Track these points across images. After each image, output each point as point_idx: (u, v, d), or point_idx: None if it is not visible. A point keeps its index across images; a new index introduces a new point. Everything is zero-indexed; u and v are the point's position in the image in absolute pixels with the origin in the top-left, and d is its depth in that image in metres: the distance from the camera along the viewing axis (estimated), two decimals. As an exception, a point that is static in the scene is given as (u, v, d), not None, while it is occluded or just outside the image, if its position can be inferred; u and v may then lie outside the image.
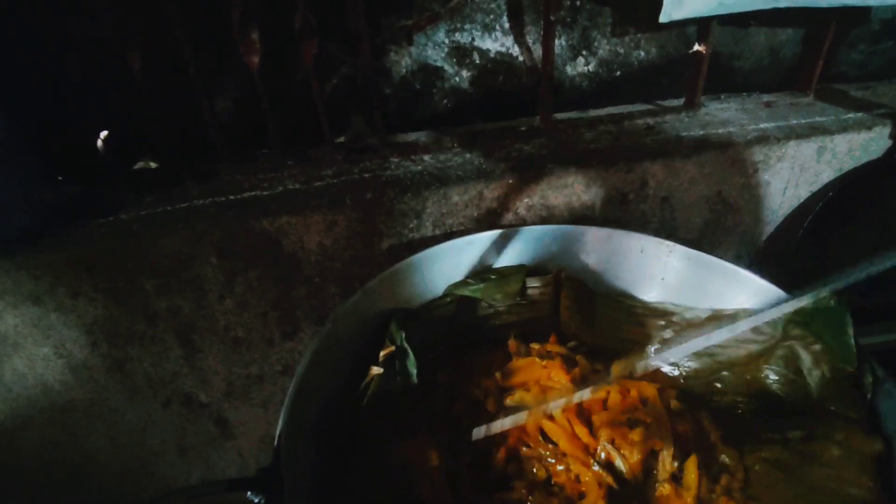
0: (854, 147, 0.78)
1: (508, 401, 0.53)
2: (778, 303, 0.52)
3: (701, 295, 0.58)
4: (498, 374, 0.55)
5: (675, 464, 0.46)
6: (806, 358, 0.47)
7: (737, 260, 0.82)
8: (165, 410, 0.75)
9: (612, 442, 0.47)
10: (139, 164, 0.79)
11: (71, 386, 0.69)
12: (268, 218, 0.64)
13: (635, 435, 0.46)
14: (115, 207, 0.66)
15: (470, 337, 0.61)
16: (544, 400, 0.51)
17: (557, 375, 0.52)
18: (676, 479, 0.46)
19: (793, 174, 0.78)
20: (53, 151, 0.69)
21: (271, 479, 0.36)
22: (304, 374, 0.46)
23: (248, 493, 0.35)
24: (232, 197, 0.67)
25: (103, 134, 0.68)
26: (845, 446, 0.41)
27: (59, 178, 0.72)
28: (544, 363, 0.54)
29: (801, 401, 0.46)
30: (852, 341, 0.44)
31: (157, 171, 0.76)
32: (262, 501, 0.34)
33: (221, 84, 0.75)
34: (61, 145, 0.71)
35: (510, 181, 0.68)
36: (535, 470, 0.47)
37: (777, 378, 0.49)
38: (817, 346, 0.46)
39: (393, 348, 0.52)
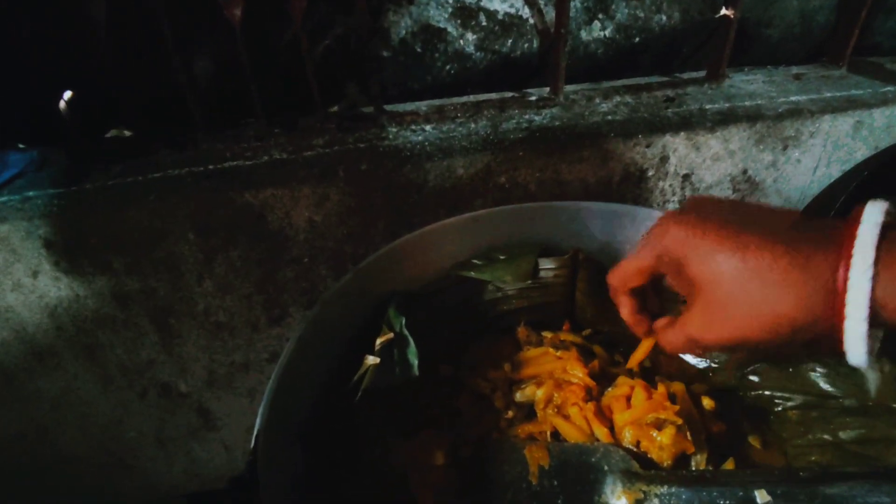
0: (893, 122, 0.72)
1: (518, 395, 0.47)
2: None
3: (733, 279, 0.52)
4: (507, 366, 0.49)
5: (711, 468, 0.40)
6: (861, 350, 0.41)
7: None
8: (142, 401, 0.69)
9: (638, 445, 0.41)
10: (111, 133, 0.72)
11: (36, 374, 0.63)
12: (251, 190, 0.58)
13: (665, 437, 0.40)
14: (78, 177, 0.59)
15: (476, 324, 0.55)
16: (559, 396, 0.45)
17: (574, 368, 0.46)
18: (710, 485, 0.40)
19: (825, 151, 0.72)
20: (10, 115, 0.62)
21: (245, 488, 0.30)
22: (287, 364, 0.40)
23: (216, 508, 0.29)
24: (211, 167, 0.61)
25: (66, 95, 0.60)
26: None
27: (20, 145, 0.65)
28: (559, 354, 0.48)
29: (855, 397, 0.41)
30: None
31: (128, 140, 0.69)
32: (233, 518, 0.29)
33: (199, 42, 0.68)
34: (20, 109, 0.64)
35: (520, 154, 0.62)
36: None
37: (824, 371, 0.43)
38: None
39: (391, 335, 0.46)
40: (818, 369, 0.44)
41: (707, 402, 0.45)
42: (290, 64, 0.70)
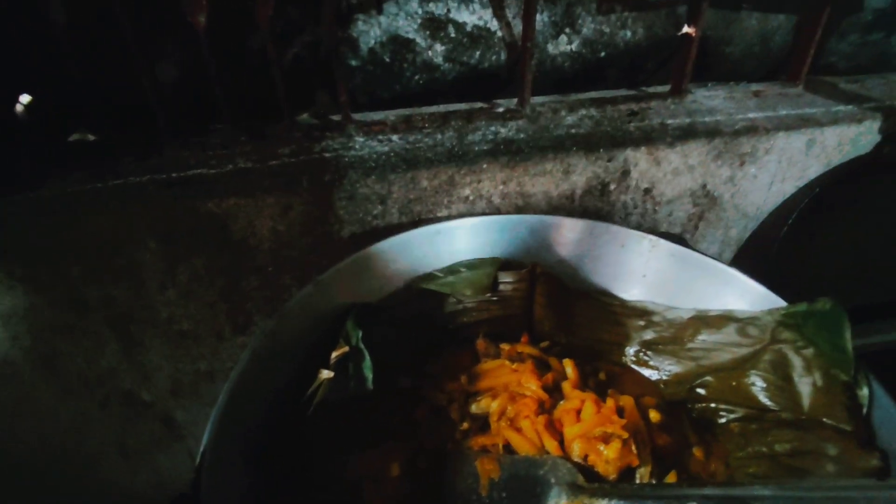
0: (843, 141, 0.75)
1: (474, 407, 0.48)
2: (766, 305, 0.48)
3: (684, 294, 0.54)
4: (464, 378, 0.50)
5: (654, 481, 0.42)
6: (797, 363, 0.43)
7: (719, 257, 0.79)
8: (103, 410, 0.68)
9: (586, 458, 0.42)
10: (74, 136, 0.71)
11: (-10, 382, 0.62)
12: (214, 199, 0.58)
13: (611, 451, 0.41)
14: (35, 182, 0.58)
15: (436, 336, 0.56)
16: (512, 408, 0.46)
17: (528, 381, 0.48)
18: (654, 496, 0.42)
19: (780, 168, 0.74)
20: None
21: (188, 507, 0.30)
22: (238, 378, 0.40)
23: (157, 527, 0.29)
24: (174, 175, 0.60)
25: (24, 98, 0.59)
26: (840, 462, 0.37)
27: (-23, 148, 0.64)
28: (514, 366, 0.50)
29: (791, 410, 0.43)
30: (849, 347, 0.41)
31: (90, 144, 0.68)
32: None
33: (165, 46, 0.67)
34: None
35: (484, 166, 0.63)
36: None
37: (764, 385, 0.45)
38: (809, 351, 0.43)
39: (346, 349, 0.46)
40: (759, 383, 0.46)
41: (654, 415, 0.46)
42: (259, 71, 0.70)
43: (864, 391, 0.40)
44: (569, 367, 0.51)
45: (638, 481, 0.42)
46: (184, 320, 0.64)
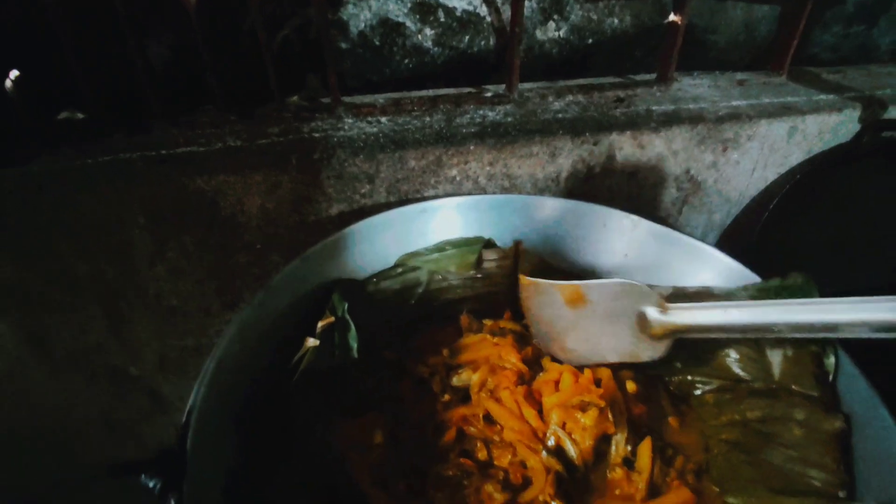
0: (824, 129, 0.76)
1: (455, 380, 0.49)
2: (743, 282, 0.49)
3: (664, 272, 0.56)
4: (445, 351, 0.51)
5: (629, 448, 0.43)
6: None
7: (702, 241, 0.80)
8: (91, 385, 0.69)
9: (563, 426, 0.44)
10: (63, 115, 0.71)
11: (-22, 357, 0.63)
12: (203, 176, 0.58)
13: (588, 419, 0.43)
14: (24, 158, 0.59)
15: (421, 311, 0.57)
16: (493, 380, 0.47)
17: (508, 354, 0.49)
18: (629, 462, 0.43)
19: (762, 154, 0.76)
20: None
21: (172, 462, 0.31)
22: (227, 346, 0.41)
23: (142, 476, 0.30)
24: (164, 152, 0.61)
25: (13, 74, 0.60)
26: (807, 426, 0.39)
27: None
28: (496, 341, 0.51)
29: (762, 380, 0.44)
30: (817, 320, 0.42)
31: (80, 122, 0.68)
32: (158, 487, 0.30)
33: (156, 26, 0.67)
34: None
35: (471, 147, 0.64)
36: (476, 453, 0.43)
37: (737, 357, 0.47)
38: (780, 326, 0.44)
39: (332, 319, 0.47)
40: (732, 355, 0.47)
41: (630, 386, 0.48)
42: (249, 53, 0.70)
43: (831, 360, 0.41)
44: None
45: (613, 448, 0.43)
46: (172, 296, 0.65)
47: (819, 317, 0.37)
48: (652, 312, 0.44)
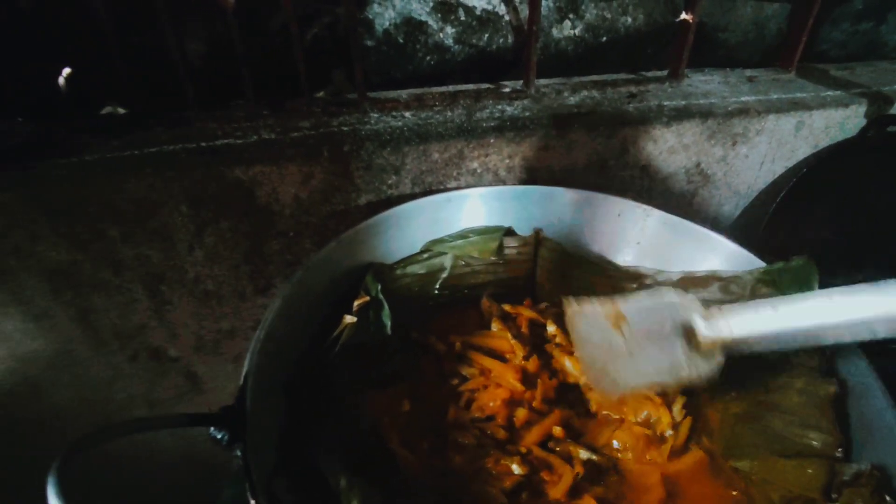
0: (831, 124, 0.79)
1: (465, 371, 0.53)
2: (749, 267, 0.53)
3: (674, 258, 0.59)
4: (458, 344, 0.54)
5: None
6: (772, 316, 0.48)
7: (711, 231, 0.83)
8: (133, 364, 0.73)
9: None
10: (106, 110, 0.75)
11: (32, 335, 0.67)
12: (241, 166, 0.62)
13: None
14: (77, 149, 0.63)
15: (445, 295, 0.61)
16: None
17: (507, 373, 0.51)
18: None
19: (770, 148, 0.79)
20: (10, 90, 0.65)
21: (235, 417, 0.35)
22: (273, 319, 0.45)
23: (211, 428, 0.34)
24: (203, 144, 0.65)
25: (65, 72, 0.64)
26: (805, 393, 0.42)
27: (18, 118, 0.68)
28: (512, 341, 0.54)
29: (766, 354, 0.47)
30: (816, 295, 0.45)
31: (124, 117, 0.73)
32: (225, 438, 0.34)
33: (193, 24, 0.71)
34: (19, 84, 0.67)
35: (491, 140, 0.67)
36: (496, 434, 0.47)
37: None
38: (783, 303, 0.47)
39: (367, 298, 0.51)
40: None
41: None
42: (281, 49, 0.74)
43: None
44: (552, 326, 0.56)
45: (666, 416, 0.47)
46: (209, 280, 0.69)
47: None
48: (698, 322, 0.40)
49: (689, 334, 0.41)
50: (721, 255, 0.56)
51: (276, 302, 0.46)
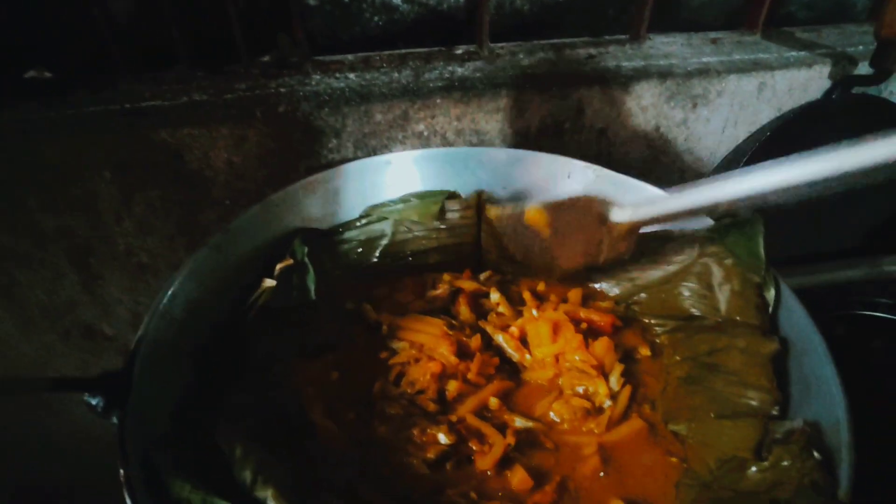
0: (794, 86, 0.76)
1: (395, 345, 0.50)
2: (698, 225, 0.50)
3: (626, 220, 0.56)
4: (385, 328, 0.50)
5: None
6: (717, 273, 0.45)
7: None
8: (66, 342, 0.70)
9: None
10: (30, 74, 0.70)
11: (-49, 313, 0.63)
12: (167, 128, 0.59)
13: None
14: (-13, 110, 0.59)
15: (386, 262, 0.58)
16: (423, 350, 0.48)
17: (438, 345, 0.48)
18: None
19: (732, 112, 0.76)
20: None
21: (115, 382, 0.32)
22: (181, 283, 0.42)
23: (85, 394, 0.31)
24: (128, 105, 0.61)
25: (-26, 26, 0.59)
26: (747, 352, 0.40)
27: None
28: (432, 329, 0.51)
29: (711, 315, 0.45)
30: (761, 251, 0.43)
31: (46, 80, 0.68)
32: (101, 405, 0.31)
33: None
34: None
35: (438, 101, 0.64)
36: (427, 406, 0.44)
37: (689, 295, 0.48)
38: (729, 261, 0.45)
39: (291, 262, 0.48)
40: (685, 294, 0.48)
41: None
42: (216, 10, 0.69)
43: (772, 291, 0.42)
44: (495, 294, 0.53)
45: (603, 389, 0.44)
46: (142, 253, 0.65)
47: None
48: (614, 212, 0.47)
49: (605, 221, 0.47)
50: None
51: (185, 266, 0.43)
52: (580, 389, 0.46)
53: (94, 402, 0.31)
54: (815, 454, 0.31)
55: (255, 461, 0.32)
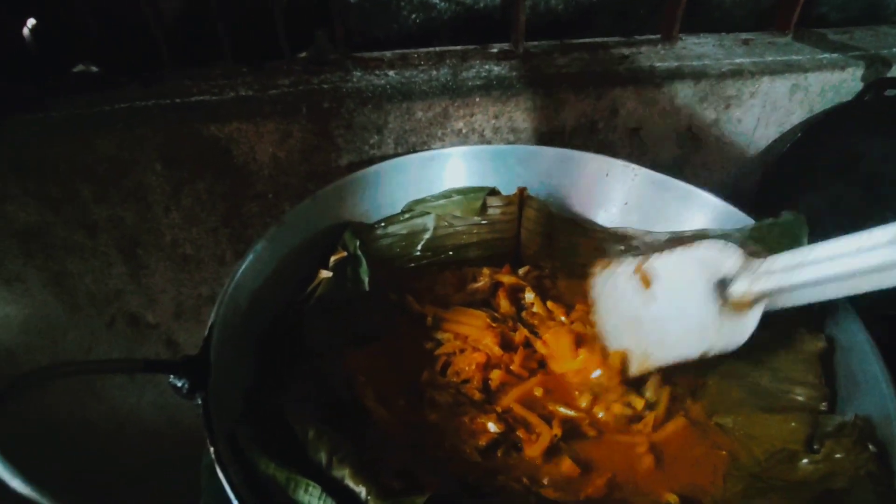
0: (827, 87, 0.77)
1: (439, 335, 0.51)
2: (737, 224, 0.51)
3: (661, 218, 0.57)
4: (430, 319, 0.52)
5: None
6: (760, 272, 0.46)
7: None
8: (110, 330, 0.72)
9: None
10: (78, 68, 0.72)
11: (3, 300, 0.65)
12: (216, 123, 0.60)
13: None
14: (45, 106, 0.61)
15: (428, 256, 0.59)
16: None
17: (485, 337, 0.50)
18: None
19: (764, 112, 0.77)
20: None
21: (198, 366, 0.34)
22: (243, 273, 0.43)
23: (171, 376, 0.33)
24: (178, 100, 0.63)
25: (30, 23, 0.61)
26: (792, 348, 0.41)
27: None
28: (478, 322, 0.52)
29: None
30: (804, 248, 0.44)
31: (96, 74, 0.70)
32: (186, 386, 0.32)
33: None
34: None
35: (476, 99, 0.65)
36: (473, 394, 0.46)
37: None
38: (771, 260, 0.46)
39: (344, 254, 0.50)
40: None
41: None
42: (260, 8, 0.71)
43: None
44: (530, 294, 0.55)
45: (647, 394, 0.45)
46: (187, 244, 0.67)
47: None
48: (736, 272, 0.34)
49: (720, 288, 0.36)
50: (710, 213, 0.54)
51: (247, 256, 0.45)
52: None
53: (179, 383, 0.32)
54: (870, 447, 0.33)
55: (328, 442, 0.34)
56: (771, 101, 0.76)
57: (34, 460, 0.31)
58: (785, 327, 0.43)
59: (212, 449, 0.30)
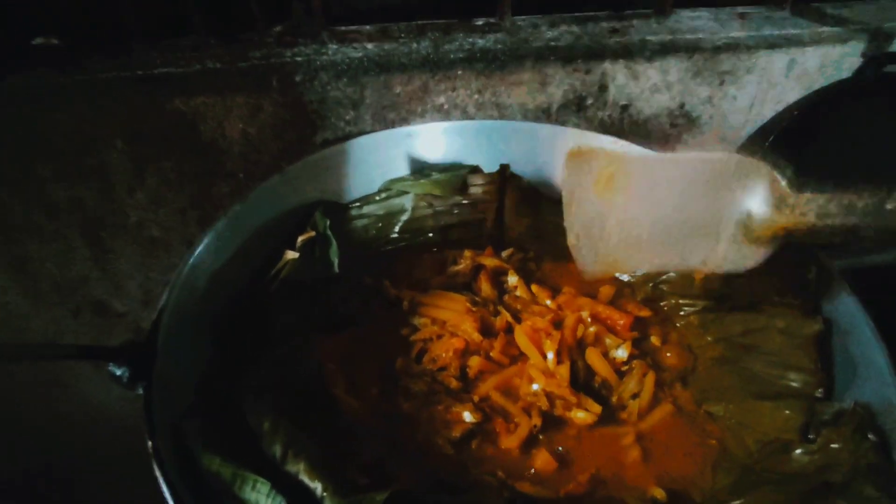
0: (826, 63, 0.74)
1: (416, 321, 0.48)
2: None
3: (653, 197, 0.54)
4: (406, 304, 0.49)
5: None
6: (753, 251, 0.44)
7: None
8: (76, 319, 0.69)
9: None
10: (38, 41, 0.68)
11: (-39, 285, 0.62)
12: (181, 97, 0.57)
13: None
14: (-3, 75, 0.57)
15: (406, 238, 0.56)
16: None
17: (465, 322, 0.47)
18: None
19: (760, 90, 0.74)
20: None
21: (140, 353, 0.31)
22: (201, 253, 0.40)
23: (110, 364, 0.30)
24: (140, 72, 0.59)
25: (-20, -12, 0.57)
26: (787, 333, 0.39)
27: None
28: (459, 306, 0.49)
29: (744, 295, 0.44)
30: (803, 231, 0.41)
31: (57, 46, 0.66)
32: (126, 375, 0.29)
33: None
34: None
35: (459, 72, 0.62)
36: (449, 383, 0.43)
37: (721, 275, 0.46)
38: (766, 239, 0.43)
39: (313, 234, 0.47)
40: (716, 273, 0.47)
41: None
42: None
43: (813, 273, 0.40)
44: (513, 277, 0.52)
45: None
46: (154, 226, 0.64)
47: None
48: (766, 195, 0.30)
49: (747, 209, 0.31)
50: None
51: (206, 235, 0.42)
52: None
53: (118, 372, 0.29)
54: (871, 436, 0.30)
55: (284, 435, 0.31)
56: (767, 78, 0.72)
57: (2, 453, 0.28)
58: (779, 309, 0.41)
59: (149, 443, 0.27)
